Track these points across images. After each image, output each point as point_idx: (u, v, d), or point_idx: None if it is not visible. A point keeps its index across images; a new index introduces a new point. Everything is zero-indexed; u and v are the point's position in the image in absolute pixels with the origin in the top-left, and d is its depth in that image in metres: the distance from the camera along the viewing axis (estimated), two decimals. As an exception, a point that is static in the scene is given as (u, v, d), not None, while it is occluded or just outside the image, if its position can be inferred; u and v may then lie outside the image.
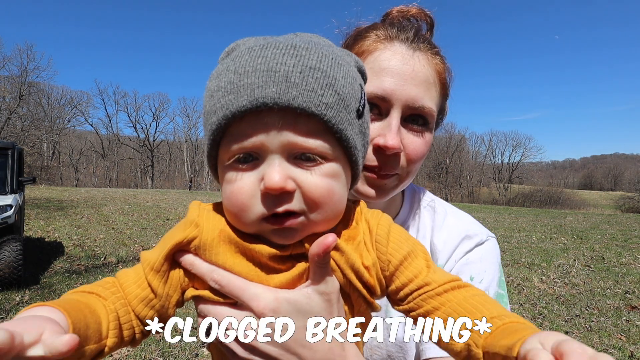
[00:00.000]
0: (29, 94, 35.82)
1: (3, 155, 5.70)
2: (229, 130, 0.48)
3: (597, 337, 3.96)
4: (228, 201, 0.50)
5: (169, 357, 3.41)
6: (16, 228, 5.28)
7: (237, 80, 0.46)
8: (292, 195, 0.47)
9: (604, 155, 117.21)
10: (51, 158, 46.34)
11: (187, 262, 0.52)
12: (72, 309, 0.43)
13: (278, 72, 0.45)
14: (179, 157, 61.35)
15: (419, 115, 0.64)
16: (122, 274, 0.54)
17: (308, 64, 0.46)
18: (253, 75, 0.45)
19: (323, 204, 0.48)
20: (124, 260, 6.65)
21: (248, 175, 0.48)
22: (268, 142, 0.46)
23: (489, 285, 0.74)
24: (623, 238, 10.56)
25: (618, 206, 40.34)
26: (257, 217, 0.48)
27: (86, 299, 0.48)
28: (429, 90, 0.63)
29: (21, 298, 4.57)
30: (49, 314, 0.41)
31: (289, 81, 0.44)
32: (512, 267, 6.96)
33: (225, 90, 0.47)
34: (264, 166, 0.47)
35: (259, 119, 0.46)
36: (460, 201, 46.33)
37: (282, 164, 0.47)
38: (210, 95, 0.49)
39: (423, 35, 0.67)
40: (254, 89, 0.45)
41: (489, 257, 0.76)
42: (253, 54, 0.47)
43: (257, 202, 0.48)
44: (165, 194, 24.91)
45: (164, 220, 12.03)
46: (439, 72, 0.65)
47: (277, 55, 0.46)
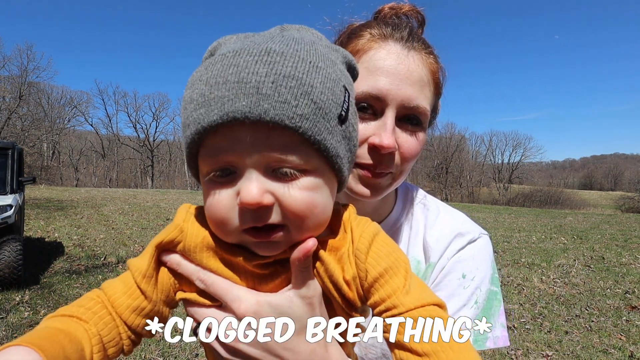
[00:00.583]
0: (29, 94, 35.80)
1: (3, 155, 5.69)
2: (204, 143, 0.47)
3: (597, 337, 3.96)
4: (208, 213, 0.50)
5: (169, 357, 3.41)
6: (16, 228, 5.28)
7: (208, 93, 0.44)
8: (271, 210, 0.46)
9: (604, 155, 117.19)
10: (51, 158, 46.33)
11: (173, 262, 0.53)
12: (49, 343, 0.42)
13: (249, 84, 0.42)
14: (179, 157, 61.30)
15: (414, 115, 0.64)
16: (108, 286, 0.53)
17: (282, 71, 0.43)
18: (224, 87, 0.43)
19: (304, 217, 0.47)
20: (124, 260, 6.65)
21: (226, 190, 0.47)
22: (243, 157, 0.45)
23: (480, 283, 0.74)
24: (623, 238, 10.56)
25: (618, 206, 40.34)
26: (237, 231, 0.48)
27: (65, 326, 0.47)
28: (423, 90, 0.63)
29: (21, 298, 4.57)
30: (24, 357, 0.39)
31: (260, 93, 0.42)
32: (512, 267, 6.96)
33: (197, 103, 0.45)
34: (242, 181, 0.46)
35: (232, 134, 0.44)
36: (460, 201, 46.32)
37: (259, 178, 0.45)
38: (184, 107, 0.48)
39: (417, 34, 0.67)
40: (224, 102, 0.42)
41: (481, 255, 0.77)
42: (225, 62, 0.44)
43: (235, 216, 0.47)
44: (165, 194, 24.92)
45: (164, 220, 12.03)
46: (432, 72, 0.66)
47: (250, 64, 0.43)
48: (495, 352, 3.59)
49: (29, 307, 4.32)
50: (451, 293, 0.72)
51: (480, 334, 0.71)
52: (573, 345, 3.78)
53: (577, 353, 3.63)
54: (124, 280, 0.53)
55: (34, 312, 4.18)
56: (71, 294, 4.82)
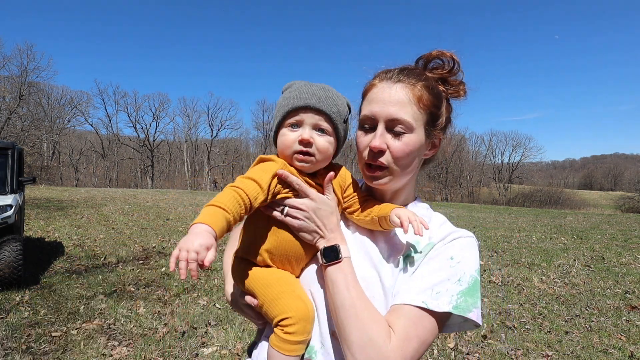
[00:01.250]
0: (29, 94, 35.74)
1: (3, 155, 5.69)
2: (292, 112, 0.91)
3: (597, 337, 3.96)
4: (282, 143, 0.92)
5: (169, 357, 3.41)
6: (16, 228, 5.28)
7: (299, 95, 0.91)
8: (310, 143, 0.90)
9: (604, 155, 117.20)
10: (51, 158, 46.31)
11: (284, 174, 0.89)
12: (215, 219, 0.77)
13: (315, 95, 0.91)
14: (179, 157, 61.29)
15: (397, 125, 0.88)
16: (243, 185, 0.86)
17: (327, 94, 0.92)
18: (306, 94, 0.91)
19: (324, 153, 0.92)
20: (124, 260, 6.66)
21: (294, 133, 0.91)
22: (305, 119, 0.91)
23: (465, 267, 0.87)
24: (623, 238, 10.56)
25: (618, 206, 40.34)
26: (292, 153, 0.91)
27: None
28: (404, 107, 0.88)
29: (21, 298, 4.57)
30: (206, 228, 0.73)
31: (320, 99, 0.90)
32: (512, 267, 6.96)
33: (293, 97, 0.91)
34: (301, 130, 0.91)
35: (304, 111, 0.91)
36: (460, 201, 46.31)
37: (311, 131, 0.91)
38: (285, 97, 0.94)
39: (408, 73, 0.92)
40: (305, 98, 0.90)
41: (469, 248, 0.91)
42: (305, 87, 0.93)
43: (295, 146, 0.91)
44: (165, 194, 24.93)
45: (164, 220, 12.03)
46: (416, 95, 0.89)
47: (316, 89, 0.92)
48: (495, 352, 3.59)
49: (29, 307, 4.32)
50: (439, 267, 0.87)
51: (466, 304, 0.84)
52: (573, 345, 3.78)
53: (577, 353, 3.63)
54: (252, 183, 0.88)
55: (34, 312, 4.18)
56: (71, 294, 4.82)
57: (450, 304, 0.82)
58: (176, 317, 4.27)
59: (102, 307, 4.42)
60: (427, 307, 0.81)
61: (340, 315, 0.82)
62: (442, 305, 0.82)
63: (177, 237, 9.02)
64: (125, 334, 3.79)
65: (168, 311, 4.42)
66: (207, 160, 58.01)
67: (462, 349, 3.64)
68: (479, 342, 3.81)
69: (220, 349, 3.56)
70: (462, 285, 0.84)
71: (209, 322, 4.12)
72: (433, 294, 0.83)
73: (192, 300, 4.81)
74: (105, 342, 3.60)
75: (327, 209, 0.91)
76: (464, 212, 19.79)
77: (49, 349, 3.44)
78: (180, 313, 4.39)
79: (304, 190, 0.91)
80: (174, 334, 3.83)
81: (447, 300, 0.82)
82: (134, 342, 3.64)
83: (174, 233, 9.70)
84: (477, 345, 3.74)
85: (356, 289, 0.83)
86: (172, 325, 4.04)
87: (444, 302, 0.82)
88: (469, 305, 0.83)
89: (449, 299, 0.83)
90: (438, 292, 0.83)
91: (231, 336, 3.80)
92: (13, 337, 3.61)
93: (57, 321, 4.00)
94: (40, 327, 3.84)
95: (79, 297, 4.72)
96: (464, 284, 0.85)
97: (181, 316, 4.29)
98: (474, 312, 0.84)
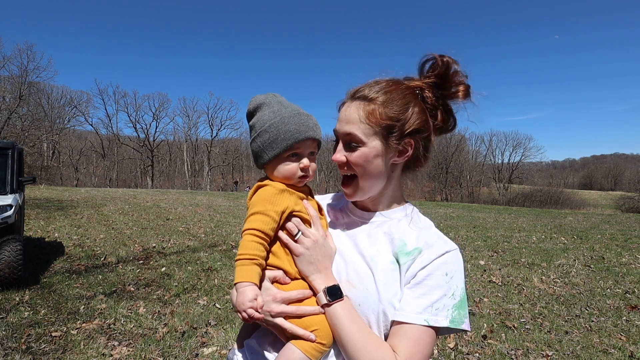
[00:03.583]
0: (29, 94, 35.73)
1: (3, 155, 5.69)
2: (293, 146, 0.97)
3: (597, 337, 3.96)
4: (286, 172, 0.98)
5: (169, 356, 3.41)
6: (16, 228, 5.28)
7: (297, 128, 0.97)
8: (309, 169, 0.99)
9: (604, 155, 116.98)
10: (51, 158, 46.30)
11: (307, 207, 1.00)
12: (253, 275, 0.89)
13: (309, 126, 0.99)
14: (179, 157, 61.30)
15: (351, 140, 0.98)
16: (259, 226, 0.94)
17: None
18: (303, 127, 0.98)
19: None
20: (124, 260, 6.65)
21: (295, 163, 0.99)
22: (304, 150, 0.99)
23: (458, 282, 0.94)
24: (623, 238, 10.56)
25: (618, 206, 40.35)
26: (297, 177, 0.99)
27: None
28: (356, 125, 0.97)
29: (21, 298, 4.57)
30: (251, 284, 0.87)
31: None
32: (512, 267, 6.96)
33: (292, 131, 0.96)
34: (302, 159, 0.99)
35: (306, 142, 0.98)
36: (460, 201, 46.28)
37: (307, 158, 0.99)
38: (279, 130, 0.97)
39: (368, 89, 0.99)
40: (305, 132, 0.97)
41: (458, 262, 0.97)
42: (297, 118, 0.98)
43: (298, 173, 0.98)
44: (165, 194, 24.92)
45: (164, 220, 12.03)
46: (367, 112, 0.97)
47: (306, 118, 0.99)
48: (495, 352, 3.59)
49: (29, 307, 4.32)
50: (437, 284, 0.92)
51: (459, 317, 0.92)
52: (573, 345, 3.78)
53: (577, 353, 3.63)
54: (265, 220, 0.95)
55: (34, 312, 4.18)
56: (71, 294, 4.82)
57: (447, 319, 0.89)
58: (176, 317, 4.27)
59: (102, 307, 4.42)
60: (429, 324, 0.88)
61: (350, 349, 0.88)
62: (441, 321, 0.89)
63: (177, 237, 9.03)
64: (125, 334, 3.79)
65: (168, 311, 4.42)
66: (207, 160, 58.01)
67: (462, 349, 3.64)
68: (479, 342, 3.81)
69: (220, 349, 3.56)
70: (455, 299, 0.92)
71: (209, 322, 4.12)
72: (433, 310, 0.89)
73: (192, 300, 4.81)
74: (105, 342, 3.60)
75: (328, 250, 0.97)
76: (464, 212, 19.79)
77: (49, 349, 3.44)
78: (180, 313, 4.39)
79: (317, 224, 0.98)
80: (174, 334, 3.83)
81: (445, 315, 0.90)
82: (134, 342, 3.64)
83: (174, 233, 9.69)
84: (477, 345, 3.74)
85: (359, 321, 0.90)
86: (172, 325, 4.04)
87: (442, 317, 0.89)
88: (462, 317, 0.91)
89: (446, 313, 0.90)
90: (437, 308, 0.90)
91: (231, 336, 3.80)
92: (13, 337, 3.61)
93: (57, 321, 4.00)
94: (40, 327, 3.84)
95: (79, 297, 4.72)
96: (457, 297, 0.92)
97: (181, 316, 4.29)
98: (466, 323, 0.92)
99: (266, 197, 0.96)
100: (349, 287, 0.95)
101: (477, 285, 5.76)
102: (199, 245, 8.20)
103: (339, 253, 1.00)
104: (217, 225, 11.51)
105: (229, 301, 4.77)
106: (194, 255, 7.27)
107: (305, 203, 0.99)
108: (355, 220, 1.07)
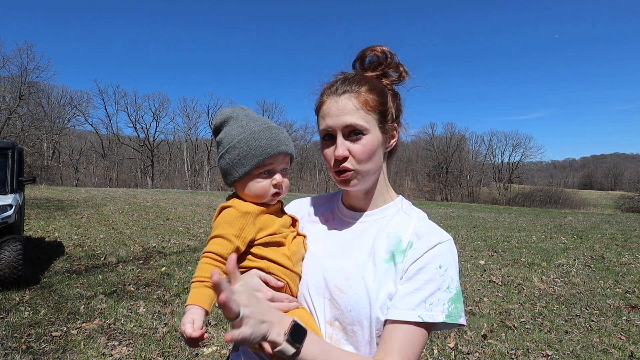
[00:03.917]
0: (29, 94, 35.69)
1: (3, 155, 5.69)
2: (264, 162, 0.95)
3: (597, 337, 3.96)
4: (258, 190, 0.97)
5: (169, 356, 3.41)
6: (16, 228, 5.28)
7: (268, 143, 0.95)
8: (282, 186, 0.99)
9: (604, 155, 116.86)
10: (51, 158, 46.28)
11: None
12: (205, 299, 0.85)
13: (281, 140, 0.98)
14: (179, 157, 61.27)
15: (352, 130, 0.94)
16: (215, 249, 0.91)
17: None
18: (274, 141, 0.96)
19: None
20: (124, 260, 6.66)
21: (267, 180, 0.97)
22: (276, 165, 0.98)
23: (452, 274, 0.90)
24: (623, 238, 10.56)
25: (618, 206, 40.34)
26: (269, 195, 0.98)
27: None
28: (354, 114, 0.94)
29: (21, 298, 4.57)
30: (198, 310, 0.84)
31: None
32: (512, 267, 6.96)
33: (263, 147, 0.95)
34: (275, 176, 0.98)
35: (275, 157, 0.97)
36: (460, 201, 46.30)
37: (279, 174, 0.99)
38: (249, 145, 0.95)
39: (349, 82, 0.98)
40: (277, 146, 0.96)
41: (452, 253, 0.93)
42: (267, 132, 0.97)
43: (271, 190, 0.97)
44: (165, 194, 24.92)
45: (164, 220, 12.03)
46: (362, 101, 0.95)
47: (277, 132, 0.98)
48: (495, 352, 3.59)
49: (29, 307, 4.32)
50: (430, 278, 0.88)
51: (457, 310, 0.88)
52: (573, 345, 3.78)
53: (577, 353, 3.63)
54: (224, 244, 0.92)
55: (34, 312, 4.18)
56: (71, 294, 4.82)
57: (443, 313, 0.86)
58: (176, 317, 4.27)
59: (102, 307, 4.42)
60: (423, 320, 0.84)
61: None
62: (436, 316, 0.85)
63: (177, 237, 9.03)
64: (126, 334, 3.79)
65: (168, 311, 4.43)
66: (207, 160, 57.99)
67: (462, 348, 3.64)
68: (479, 341, 3.81)
69: (220, 349, 3.56)
70: (450, 292, 0.88)
71: (209, 322, 4.12)
72: (427, 305, 0.86)
73: (192, 300, 4.81)
74: (105, 342, 3.60)
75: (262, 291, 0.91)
76: (464, 212, 19.79)
77: (49, 348, 3.44)
78: (180, 313, 4.39)
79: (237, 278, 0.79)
80: (174, 334, 3.83)
81: (440, 309, 0.86)
82: (134, 342, 3.64)
83: (174, 233, 9.70)
84: (477, 345, 3.74)
85: (332, 351, 0.81)
86: (172, 325, 4.04)
87: (437, 312, 0.86)
88: (459, 311, 0.88)
89: (442, 308, 0.86)
90: (431, 303, 0.86)
91: (231, 336, 3.80)
92: (13, 336, 3.61)
93: (57, 321, 4.00)
94: (40, 327, 3.84)
95: (79, 297, 4.72)
96: (452, 291, 0.88)
97: (181, 316, 4.29)
98: (462, 317, 0.88)
99: (228, 219, 0.92)
100: (338, 293, 0.91)
101: (477, 285, 5.76)
102: (199, 245, 8.20)
103: (327, 257, 0.97)
104: (217, 225, 11.51)
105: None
106: (194, 255, 7.27)
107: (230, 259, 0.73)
108: (346, 221, 1.04)
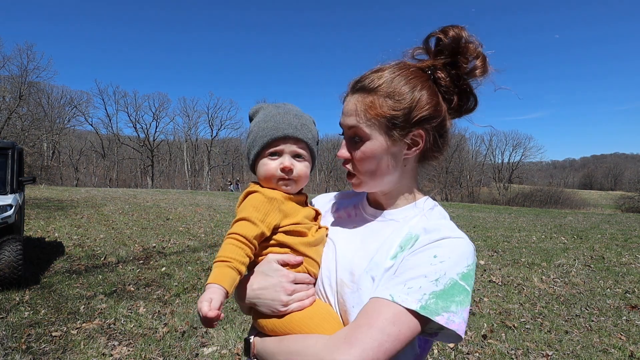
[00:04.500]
0: (29, 94, 35.68)
1: (3, 155, 5.69)
2: (271, 143, 0.98)
3: (597, 337, 3.96)
4: (265, 172, 0.98)
5: (169, 356, 3.41)
6: (16, 228, 5.28)
7: (276, 125, 0.97)
8: (291, 171, 0.97)
9: (604, 155, 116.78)
10: (51, 158, 46.28)
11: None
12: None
13: (292, 124, 0.98)
14: (179, 157, 61.26)
15: (353, 133, 0.94)
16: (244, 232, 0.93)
17: (302, 122, 1.00)
18: (282, 124, 0.97)
19: (303, 177, 1.00)
20: (124, 260, 6.66)
21: (275, 162, 0.98)
22: (284, 148, 0.98)
23: (448, 269, 0.80)
24: (623, 238, 10.56)
25: (618, 206, 40.34)
26: (276, 180, 0.98)
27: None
28: (357, 117, 0.92)
29: (21, 298, 4.57)
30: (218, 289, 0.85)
31: (296, 129, 0.98)
32: (512, 267, 6.96)
33: (270, 128, 0.98)
34: (281, 158, 0.98)
35: (284, 141, 0.98)
36: (460, 201, 46.28)
37: (290, 158, 0.98)
38: (261, 127, 0.99)
39: (358, 85, 0.95)
40: (283, 129, 0.97)
41: (459, 250, 0.83)
42: (280, 116, 0.99)
43: (277, 173, 0.97)
44: (165, 194, 24.91)
45: (164, 220, 12.03)
46: (366, 105, 0.91)
47: (291, 118, 0.99)
48: (495, 352, 3.59)
49: (29, 307, 4.32)
50: (418, 263, 0.81)
51: (435, 307, 0.76)
52: (573, 345, 3.78)
53: (577, 353, 3.63)
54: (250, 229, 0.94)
55: (34, 312, 4.18)
56: (71, 294, 4.82)
57: (419, 303, 0.75)
58: (176, 317, 4.27)
59: (102, 307, 4.42)
60: (393, 300, 0.76)
61: None
62: (410, 303, 0.75)
63: (177, 237, 9.02)
64: (125, 334, 3.79)
65: (168, 311, 4.43)
66: (207, 160, 57.99)
67: (462, 348, 3.64)
68: (479, 342, 3.81)
69: (220, 349, 3.56)
70: (437, 286, 0.78)
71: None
72: (405, 288, 0.77)
73: (192, 300, 4.81)
74: (105, 342, 3.60)
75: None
76: (464, 212, 19.78)
77: (49, 348, 3.44)
78: (180, 313, 4.39)
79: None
80: (174, 334, 3.83)
81: (417, 297, 0.76)
82: (134, 342, 3.64)
83: (174, 233, 9.69)
84: (477, 345, 3.74)
85: (284, 338, 0.88)
86: (172, 325, 4.04)
87: (413, 299, 0.76)
88: (439, 308, 0.76)
89: (419, 296, 0.76)
90: (410, 287, 0.78)
91: (231, 336, 3.80)
92: (13, 336, 3.61)
93: (57, 321, 4.00)
94: (40, 327, 3.84)
95: (79, 297, 4.72)
96: (439, 285, 0.78)
97: (181, 316, 4.29)
98: (443, 317, 0.76)
99: (254, 203, 0.94)
100: (344, 289, 0.90)
101: (477, 285, 5.76)
102: (199, 245, 8.20)
103: (341, 251, 0.96)
104: (217, 225, 11.50)
105: (228, 301, 4.77)
106: (194, 255, 7.27)
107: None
108: (367, 218, 1.02)
